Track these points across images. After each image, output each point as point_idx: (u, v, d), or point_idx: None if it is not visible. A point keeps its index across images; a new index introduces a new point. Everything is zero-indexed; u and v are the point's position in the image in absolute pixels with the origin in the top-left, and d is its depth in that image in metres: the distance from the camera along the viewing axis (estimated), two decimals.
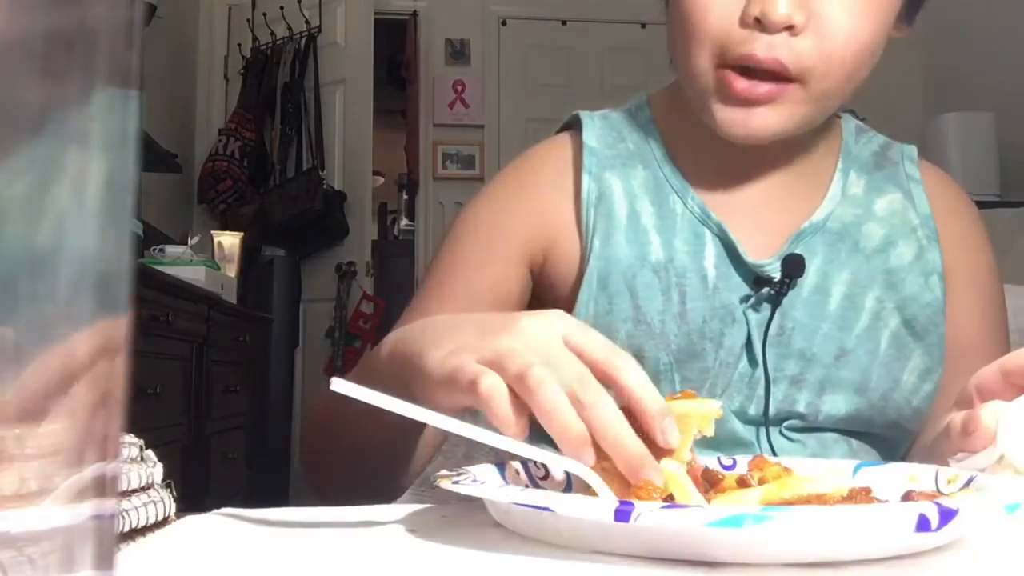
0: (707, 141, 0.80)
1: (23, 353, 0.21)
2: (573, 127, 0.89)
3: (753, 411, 0.78)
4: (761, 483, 0.49)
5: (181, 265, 2.78)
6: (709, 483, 0.52)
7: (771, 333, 0.77)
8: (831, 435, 0.79)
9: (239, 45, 4.43)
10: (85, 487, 0.22)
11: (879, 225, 0.83)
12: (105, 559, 0.23)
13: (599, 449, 0.48)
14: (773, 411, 0.77)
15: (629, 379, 0.50)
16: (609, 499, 0.44)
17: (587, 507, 0.39)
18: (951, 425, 0.58)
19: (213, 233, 3.46)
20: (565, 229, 0.82)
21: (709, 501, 0.47)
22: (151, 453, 0.49)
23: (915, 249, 0.83)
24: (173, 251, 2.92)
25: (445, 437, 0.84)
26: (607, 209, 0.81)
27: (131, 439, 0.48)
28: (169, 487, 0.49)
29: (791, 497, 0.45)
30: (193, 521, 0.50)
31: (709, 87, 0.75)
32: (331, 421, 0.77)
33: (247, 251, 3.53)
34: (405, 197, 6.25)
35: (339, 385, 0.46)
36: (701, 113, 0.77)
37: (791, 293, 0.78)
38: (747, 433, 0.77)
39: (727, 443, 0.75)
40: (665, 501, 0.45)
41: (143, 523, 0.45)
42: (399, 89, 5.11)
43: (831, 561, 0.39)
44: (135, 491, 0.46)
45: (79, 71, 0.22)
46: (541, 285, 0.84)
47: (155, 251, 2.89)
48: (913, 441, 0.83)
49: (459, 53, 4.81)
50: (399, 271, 4.92)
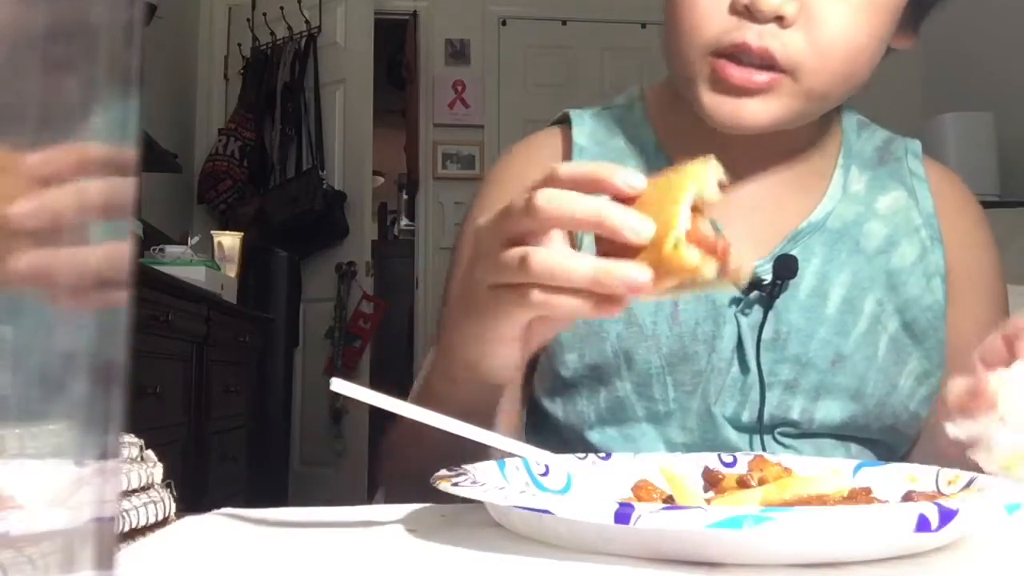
0: (703, 137, 0.76)
1: (22, 353, 0.21)
2: (563, 125, 0.88)
3: (746, 418, 0.76)
4: (761, 483, 0.49)
5: (181, 265, 2.78)
6: (709, 483, 0.52)
7: (765, 337, 0.75)
8: (828, 441, 0.78)
9: (239, 45, 4.43)
10: (85, 487, 0.22)
11: (881, 224, 0.81)
12: (105, 559, 0.23)
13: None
14: (766, 417, 0.76)
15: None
16: (612, 502, 0.44)
17: (587, 509, 0.39)
18: (949, 389, 0.57)
19: (213, 233, 3.46)
20: None
21: (709, 502, 0.47)
22: (151, 453, 0.49)
23: (918, 250, 0.81)
24: (173, 251, 2.92)
25: (521, 420, 0.85)
26: None
27: (131, 439, 0.48)
28: (169, 487, 0.49)
29: (791, 498, 0.45)
30: (193, 521, 0.50)
31: (698, 74, 0.73)
32: (409, 443, 0.73)
33: (247, 251, 3.52)
34: (405, 197, 6.24)
35: (339, 385, 0.47)
36: (690, 101, 0.75)
37: (787, 296, 0.76)
38: (740, 441, 0.76)
39: (720, 451, 0.75)
40: (665, 502, 0.45)
41: (143, 523, 0.45)
42: (399, 89, 5.11)
43: (831, 562, 0.39)
44: (135, 491, 0.46)
45: (79, 71, 0.22)
46: None
47: (155, 251, 2.89)
48: (913, 444, 0.82)
49: (459, 53, 4.81)
50: (399, 271, 4.93)
